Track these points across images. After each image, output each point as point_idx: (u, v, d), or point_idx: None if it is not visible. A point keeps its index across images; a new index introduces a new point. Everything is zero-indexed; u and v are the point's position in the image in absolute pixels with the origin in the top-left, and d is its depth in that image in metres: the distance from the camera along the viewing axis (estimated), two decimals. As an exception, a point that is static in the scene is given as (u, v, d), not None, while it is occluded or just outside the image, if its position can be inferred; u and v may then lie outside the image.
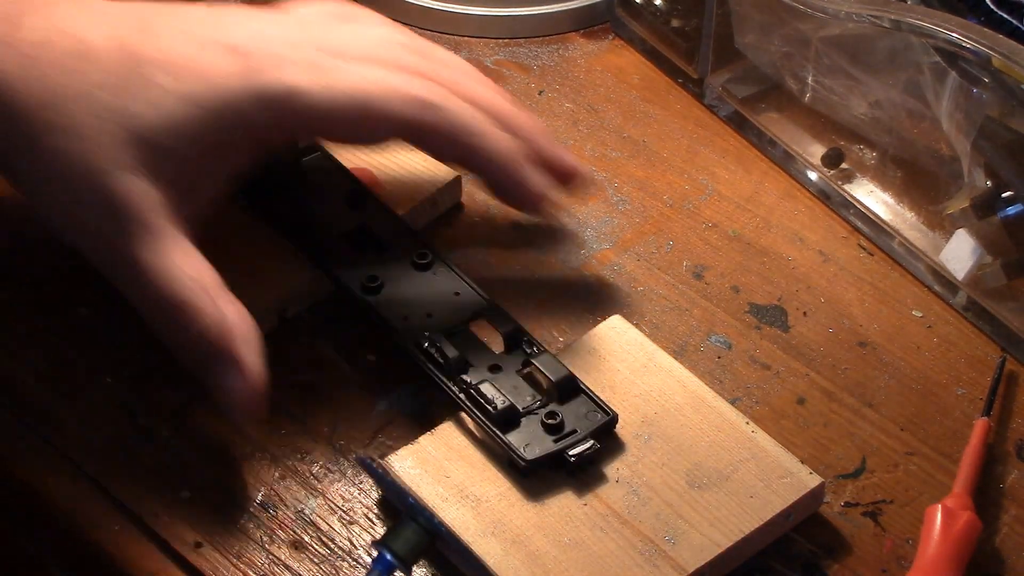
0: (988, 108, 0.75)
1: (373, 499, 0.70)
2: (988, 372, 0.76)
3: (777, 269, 0.81)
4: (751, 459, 0.69)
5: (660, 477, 0.69)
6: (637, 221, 0.83)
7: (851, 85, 0.82)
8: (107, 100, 0.69)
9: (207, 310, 0.68)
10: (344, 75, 0.72)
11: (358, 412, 0.74)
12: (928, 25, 0.74)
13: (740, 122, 0.89)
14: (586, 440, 0.69)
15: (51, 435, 0.72)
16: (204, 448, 0.72)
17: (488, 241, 0.82)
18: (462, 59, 0.79)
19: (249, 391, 0.68)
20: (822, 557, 0.69)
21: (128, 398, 0.74)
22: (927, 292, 0.80)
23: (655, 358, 0.74)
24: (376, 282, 0.76)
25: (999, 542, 0.69)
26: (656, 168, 0.87)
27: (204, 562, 0.68)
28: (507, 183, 0.75)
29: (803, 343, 0.77)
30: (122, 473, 0.71)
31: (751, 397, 0.75)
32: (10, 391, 0.74)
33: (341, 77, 0.71)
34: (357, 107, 0.71)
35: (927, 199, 0.82)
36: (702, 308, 0.79)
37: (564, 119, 0.89)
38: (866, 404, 0.75)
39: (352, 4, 0.78)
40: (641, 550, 0.66)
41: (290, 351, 0.76)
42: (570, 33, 0.95)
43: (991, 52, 0.72)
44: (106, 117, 0.68)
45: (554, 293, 0.79)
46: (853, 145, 0.85)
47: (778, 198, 0.85)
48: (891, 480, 0.72)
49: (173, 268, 0.68)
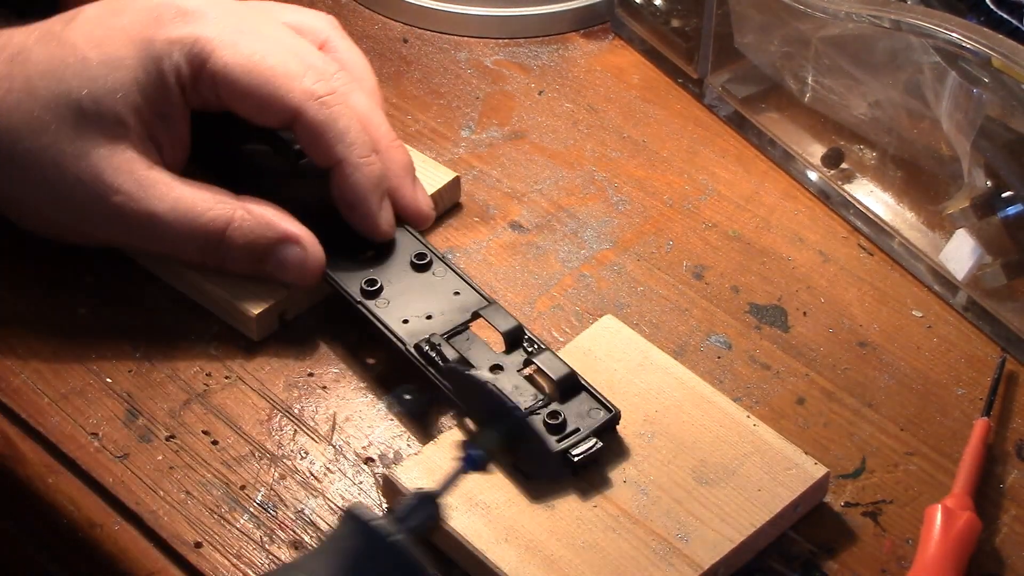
0: (988, 108, 0.75)
1: (373, 499, 0.70)
2: (988, 372, 0.76)
3: (777, 269, 0.81)
4: (755, 453, 0.70)
5: (667, 475, 0.69)
6: (637, 221, 0.83)
7: (851, 85, 0.82)
8: (49, 88, 0.74)
9: (237, 213, 0.75)
10: (256, 42, 0.75)
11: (358, 412, 0.74)
12: (928, 25, 0.74)
13: (740, 122, 0.89)
14: (589, 439, 0.69)
15: (51, 435, 0.72)
16: (204, 448, 0.72)
17: (488, 241, 0.82)
18: (364, 63, 0.81)
19: (307, 255, 0.75)
20: (822, 557, 0.69)
21: (128, 398, 0.74)
22: (927, 292, 0.80)
23: (650, 356, 0.74)
24: (375, 285, 0.76)
25: (999, 542, 0.69)
26: (656, 168, 0.87)
27: (204, 562, 0.68)
28: (356, 210, 0.77)
29: (803, 343, 0.77)
30: (122, 473, 0.71)
31: (751, 397, 0.75)
32: (9, 391, 0.74)
33: (252, 42, 0.75)
34: (255, 78, 0.75)
35: (927, 199, 0.82)
36: (702, 308, 0.79)
37: (564, 119, 0.89)
38: (866, 404, 0.75)
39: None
40: (655, 549, 0.66)
41: (291, 352, 0.76)
42: (570, 33, 0.95)
43: (991, 52, 0.72)
44: (52, 106, 0.74)
45: (554, 293, 0.79)
46: (853, 145, 0.85)
47: (778, 198, 0.85)
48: (891, 480, 0.72)
49: (186, 198, 0.74)
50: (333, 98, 0.75)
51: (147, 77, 0.74)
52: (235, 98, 0.75)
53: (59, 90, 0.74)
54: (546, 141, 0.88)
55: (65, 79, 0.74)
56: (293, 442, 0.73)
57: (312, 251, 0.75)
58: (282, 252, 0.75)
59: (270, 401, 0.74)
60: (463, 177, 0.84)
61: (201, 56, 0.74)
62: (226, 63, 0.74)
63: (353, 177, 0.76)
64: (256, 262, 0.75)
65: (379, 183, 0.77)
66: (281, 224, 0.75)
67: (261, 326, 0.76)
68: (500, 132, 0.88)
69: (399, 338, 0.73)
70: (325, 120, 0.75)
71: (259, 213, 0.75)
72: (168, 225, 0.74)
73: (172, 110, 0.75)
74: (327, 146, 0.76)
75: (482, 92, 0.91)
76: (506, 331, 0.73)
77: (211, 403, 0.74)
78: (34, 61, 0.75)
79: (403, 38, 0.94)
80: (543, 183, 0.85)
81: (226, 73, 0.75)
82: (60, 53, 0.75)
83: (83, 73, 0.74)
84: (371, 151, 0.76)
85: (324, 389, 0.75)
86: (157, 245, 0.76)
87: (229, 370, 0.75)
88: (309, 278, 0.76)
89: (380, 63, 0.92)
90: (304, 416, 0.74)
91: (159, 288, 0.78)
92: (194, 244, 0.75)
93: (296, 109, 0.75)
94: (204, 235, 0.75)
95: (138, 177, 0.74)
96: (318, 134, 0.75)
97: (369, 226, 0.77)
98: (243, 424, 0.73)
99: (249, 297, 0.76)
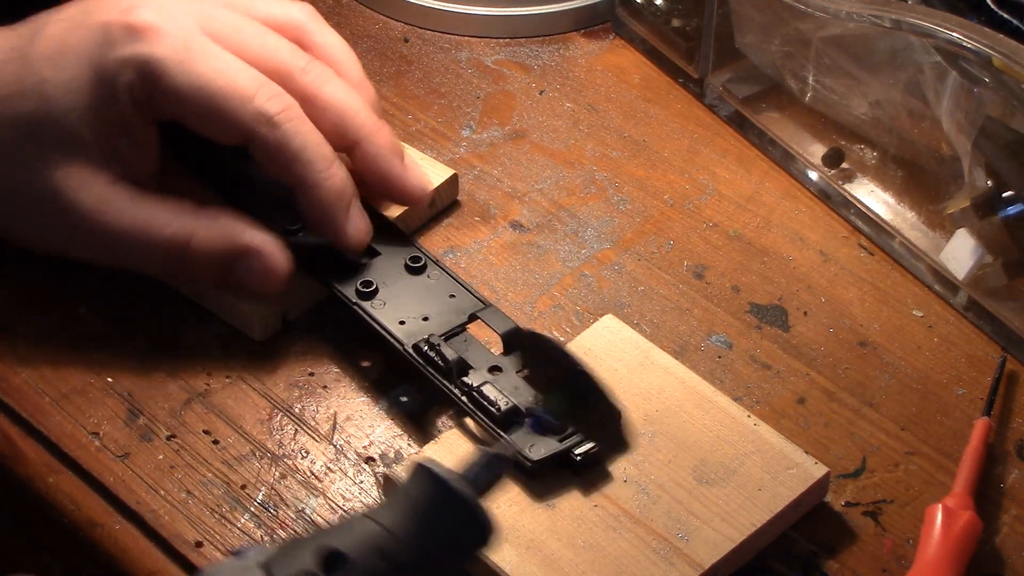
0: (989, 108, 0.75)
1: (373, 498, 0.70)
2: (988, 372, 0.76)
3: (777, 269, 0.81)
4: (756, 452, 0.70)
5: (668, 475, 0.69)
6: (637, 221, 0.83)
7: (851, 85, 0.82)
8: (10, 108, 0.74)
9: (199, 229, 0.74)
10: (206, 62, 0.74)
11: (359, 411, 0.74)
12: (928, 25, 0.74)
13: (740, 122, 0.89)
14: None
15: (52, 434, 0.72)
16: (204, 447, 0.72)
17: (488, 240, 0.82)
18: (346, 50, 0.80)
19: (270, 264, 0.74)
20: (822, 556, 0.69)
21: (128, 398, 0.74)
22: (927, 292, 0.80)
23: (651, 355, 0.74)
24: (371, 287, 0.76)
25: (999, 542, 0.69)
26: (656, 168, 0.87)
27: (204, 562, 0.68)
28: (322, 227, 0.76)
29: (803, 343, 0.77)
30: (123, 472, 0.71)
31: (751, 397, 0.75)
32: (10, 391, 0.74)
33: (202, 62, 0.74)
34: (205, 99, 0.74)
35: (928, 199, 0.82)
36: (702, 308, 0.79)
37: (564, 119, 0.89)
38: (866, 404, 0.75)
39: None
40: (656, 549, 0.66)
41: (292, 352, 0.76)
42: (571, 33, 0.95)
43: (992, 52, 0.72)
44: (17, 125, 0.74)
45: (554, 293, 0.79)
46: (853, 145, 0.85)
47: (778, 198, 0.85)
48: (891, 480, 0.72)
49: (144, 214, 0.74)
50: (286, 115, 0.74)
51: (100, 98, 0.74)
52: (188, 119, 0.75)
53: (21, 110, 0.74)
54: (547, 141, 0.88)
55: (26, 100, 0.74)
56: (294, 442, 0.73)
57: (274, 260, 0.74)
58: (244, 263, 0.74)
59: (271, 401, 0.74)
60: (463, 177, 0.84)
61: (152, 77, 0.73)
62: (176, 85, 0.73)
63: (313, 195, 0.75)
64: (221, 274, 0.75)
65: (341, 195, 0.75)
66: (243, 236, 0.74)
67: (264, 326, 0.76)
68: (501, 132, 0.88)
69: (396, 339, 0.73)
70: (277, 142, 0.74)
71: (220, 225, 0.74)
72: (129, 242, 0.74)
73: (131, 126, 0.75)
74: (284, 167, 0.75)
75: (483, 92, 0.91)
76: (504, 333, 0.73)
77: (212, 402, 0.74)
78: (1, 82, 0.74)
79: (404, 37, 0.94)
80: (544, 183, 0.85)
81: (177, 96, 0.73)
82: (22, 73, 0.74)
83: (40, 94, 0.74)
84: (331, 163, 0.75)
85: (325, 389, 0.75)
86: (122, 261, 0.75)
87: (230, 370, 0.75)
88: (273, 286, 0.75)
89: (381, 62, 0.92)
90: (305, 416, 0.74)
91: (160, 287, 0.78)
92: (157, 259, 0.74)
93: (248, 130, 0.74)
94: (165, 251, 0.74)
95: (97, 193, 0.74)
96: (272, 156, 0.74)
97: (339, 241, 0.76)
98: (244, 424, 0.73)
99: (252, 297, 0.76)
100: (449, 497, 0.57)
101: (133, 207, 0.74)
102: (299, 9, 0.80)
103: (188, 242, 0.74)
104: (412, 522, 0.56)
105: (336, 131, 0.77)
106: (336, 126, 0.77)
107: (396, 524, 0.56)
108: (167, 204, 0.75)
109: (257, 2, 0.79)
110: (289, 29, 0.79)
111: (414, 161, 0.80)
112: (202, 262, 0.74)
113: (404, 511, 0.57)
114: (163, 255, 0.74)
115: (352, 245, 0.76)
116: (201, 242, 0.74)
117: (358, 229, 0.76)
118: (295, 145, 0.74)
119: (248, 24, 0.77)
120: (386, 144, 0.78)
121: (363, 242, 0.76)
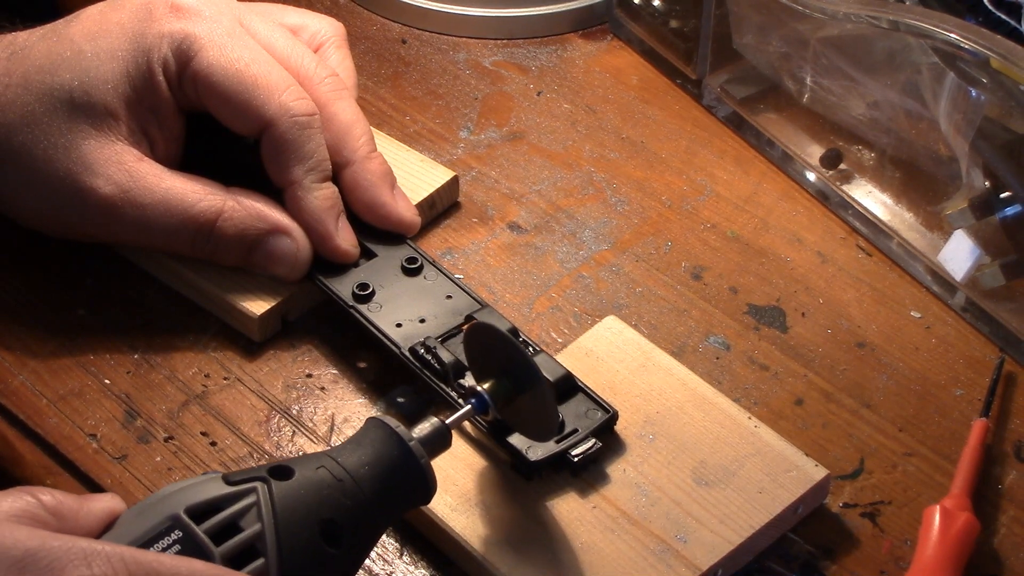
0: (986, 109, 0.75)
1: (372, 500, 0.70)
2: (987, 373, 0.76)
3: (776, 270, 0.81)
4: (756, 454, 0.70)
5: (667, 476, 0.69)
6: (636, 222, 0.83)
7: (849, 86, 0.82)
8: (44, 81, 0.75)
9: (228, 204, 0.75)
10: (243, 49, 0.76)
11: (357, 413, 0.74)
12: (926, 26, 0.74)
13: (738, 123, 0.89)
14: (588, 439, 0.69)
15: (49, 436, 0.72)
16: (202, 449, 0.72)
17: (486, 242, 0.82)
18: (351, 79, 0.81)
19: (297, 247, 0.76)
20: (821, 558, 0.69)
21: (126, 399, 0.74)
22: (925, 293, 0.80)
23: (652, 357, 0.74)
24: (367, 289, 0.76)
25: (997, 543, 0.69)
26: (654, 169, 0.87)
27: (203, 563, 0.68)
28: (312, 232, 0.76)
29: (801, 344, 0.77)
30: (121, 474, 0.71)
31: (749, 398, 0.75)
32: (7, 393, 0.74)
33: (239, 48, 0.76)
34: (235, 83, 0.75)
35: (925, 200, 0.82)
36: (700, 309, 0.79)
37: (562, 120, 0.89)
38: (864, 405, 0.75)
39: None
40: (654, 550, 0.66)
41: (290, 353, 0.76)
42: (569, 34, 0.95)
43: (989, 53, 0.72)
44: (46, 98, 0.74)
45: (552, 294, 0.79)
46: (852, 146, 0.85)
47: (776, 199, 0.85)
48: (889, 481, 0.72)
49: (176, 189, 0.75)
50: (308, 119, 0.76)
51: (137, 69, 0.75)
52: (212, 100, 0.76)
53: (53, 83, 0.75)
54: (544, 142, 0.88)
55: (59, 72, 0.75)
56: (292, 443, 0.73)
57: (302, 243, 0.76)
58: (272, 243, 0.76)
59: (268, 402, 0.74)
60: (462, 178, 0.84)
61: (188, 53, 0.75)
62: (210, 63, 0.75)
63: (304, 200, 0.76)
64: (246, 253, 0.76)
65: (335, 204, 0.77)
66: (272, 215, 0.76)
67: (264, 327, 0.76)
68: (498, 133, 0.88)
69: (393, 342, 0.73)
70: (293, 139, 0.75)
71: (250, 204, 0.76)
72: (158, 216, 0.75)
73: (162, 105, 0.76)
74: (286, 164, 0.76)
75: (480, 93, 0.91)
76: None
77: (210, 404, 0.74)
78: (33, 57, 0.75)
79: (402, 39, 0.94)
80: (542, 184, 0.85)
81: (208, 73, 0.75)
82: (58, 47, 0.75)
83: (77, 65, 0.75)
84: (327, 179, 0.77)
85: (323, 390, 0.75)
86: (147, 237, 0.76)
87: (227, 371, 0.75)
88: (298, 270, 0.76)
89: (379, 64, 0.92)
90: (303, 417, 0.74)
91: (157, 289, 0.78)
92: (185, 235, 0.75)
93: (269, 121, 0.75)
94: (195, 226, 0.75)
95: (128, 168, 0.75)
96: (282, 150, 0.76)
97: (329, 247, 0.77)
98: (242, 425, 0.73)
99: (252, 298, 0.76)
100: (408, 458, 0.63)
101: (163, 182, 0.75)
102: (328, 24, 0.82)
103: (218, 217, 0.75)
104: (367, 465, 0.62)
105: (333, 147, 0.77)
106: (336, 142, 0.77)
107: (349, 462, 0.62)
108: (197, 181, 0.76)
109: (288, 12, 0.82)
110: (311, 39, 0.81)
111: (402, 192, 0.80)
112: (229, 240, 0.75)
113: (360, 456, 0.62)
114: (192, 231, 0.75)
115: (342, 251, 0.77)
116: (230, 219, 0.75)
117: (346, 239, 0.77)
118: (307, 148, 0.76)
119: (279, 30, 0.79)
120: (377, 172, 0.79)
121: (350, 253, 0.77)
